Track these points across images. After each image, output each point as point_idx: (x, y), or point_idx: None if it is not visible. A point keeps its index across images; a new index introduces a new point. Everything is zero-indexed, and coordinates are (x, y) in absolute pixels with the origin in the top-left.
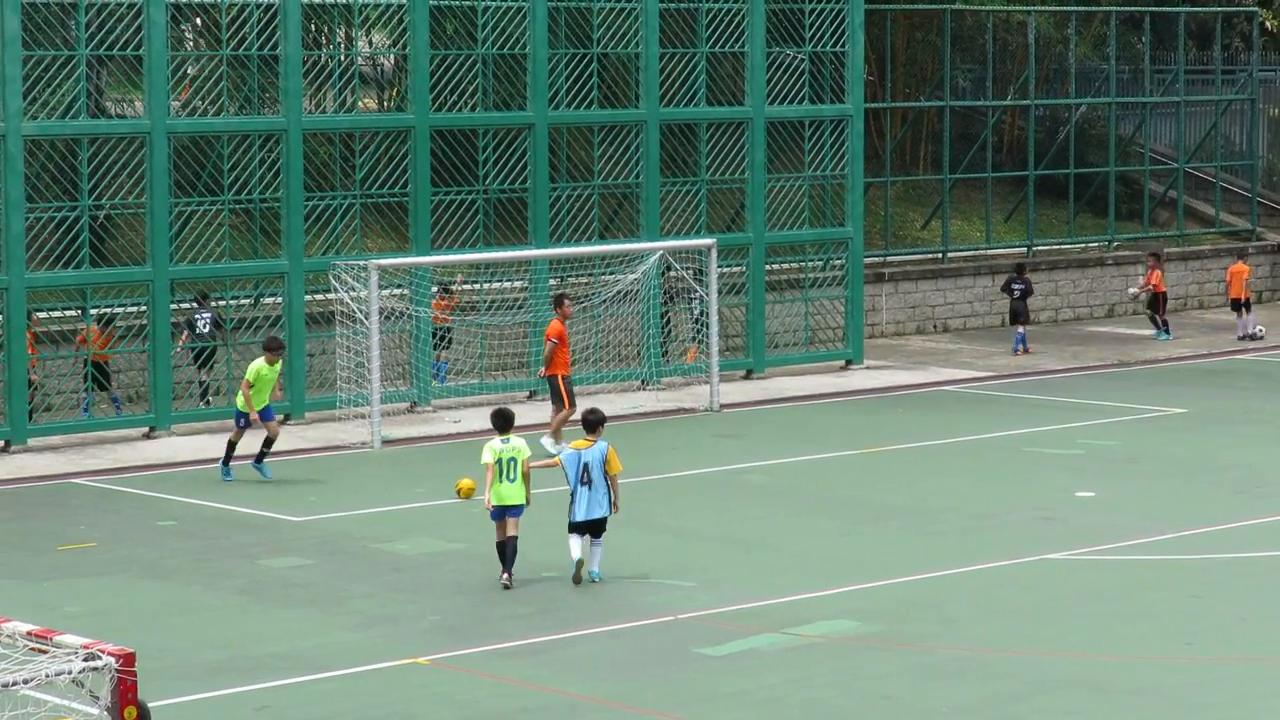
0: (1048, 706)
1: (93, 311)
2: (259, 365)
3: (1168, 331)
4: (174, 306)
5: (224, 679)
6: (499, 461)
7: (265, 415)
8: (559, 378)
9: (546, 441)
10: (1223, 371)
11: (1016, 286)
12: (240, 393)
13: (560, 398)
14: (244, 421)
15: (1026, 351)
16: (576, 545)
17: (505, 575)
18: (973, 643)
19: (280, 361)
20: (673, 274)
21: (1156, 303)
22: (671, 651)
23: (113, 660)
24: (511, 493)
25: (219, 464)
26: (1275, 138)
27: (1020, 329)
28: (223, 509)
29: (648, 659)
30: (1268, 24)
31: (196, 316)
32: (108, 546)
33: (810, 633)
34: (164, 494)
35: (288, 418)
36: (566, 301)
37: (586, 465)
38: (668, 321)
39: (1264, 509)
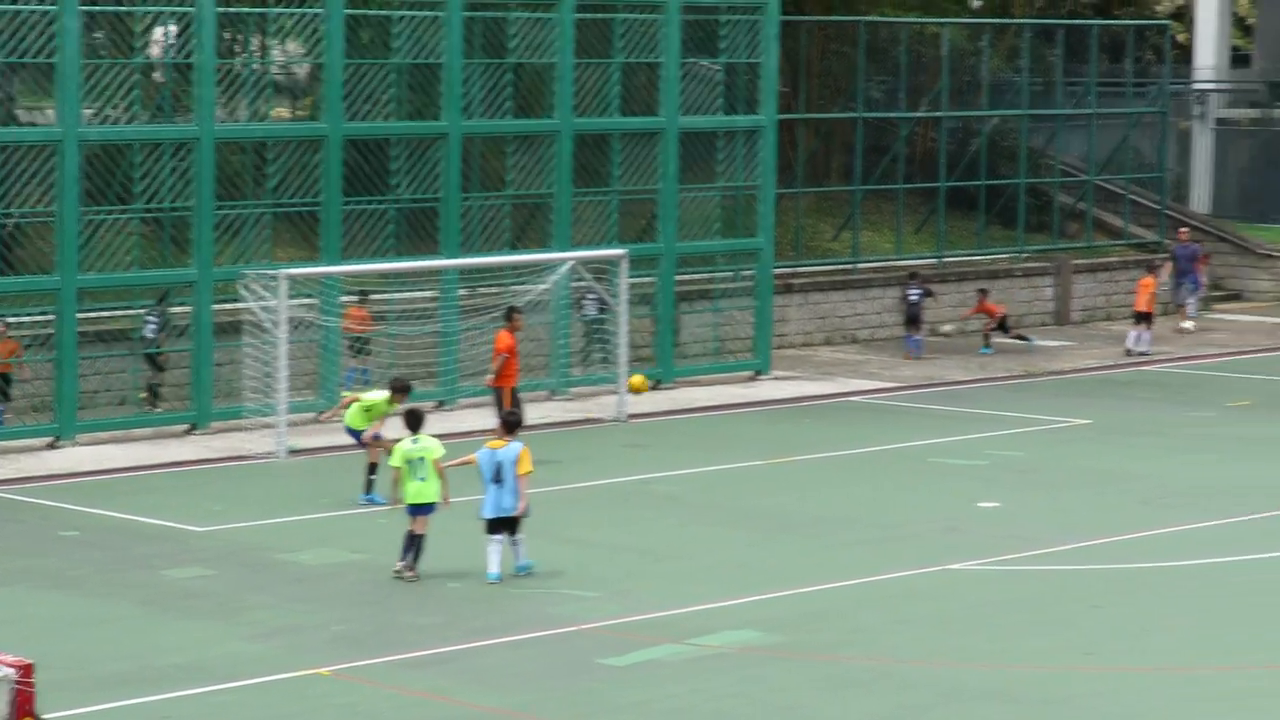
0: (957, 716)
1: None
2: (381, 400)
3: (989, 346)
4: (131, 313)
5: (125, 690)
6: (409, 461)
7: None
8: (507, 390)
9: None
10: (1128, 383)
11: (912, 294)
12: (351, 411)
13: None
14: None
15: (920, 357)
16: (495, 559)
17: (401, 564)
18: (880, 653)
19: (398, 406)
20: (584, 283)
21: (1003, 324)
22: (575, 662)
23: (11, 671)
24: (422, 491)
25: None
26: (1184, 151)
27: (916, 334)
28: (126, 519)
29: (552, 669)
30: (1179, 37)
31: (145, 320)
32: (9, 557)
33: (713, 643)
34: (67, 504)
35: (193, 428)
36: (517, 314)
37: (499, 464)
38: (596, 330)
39: (1168, 519)
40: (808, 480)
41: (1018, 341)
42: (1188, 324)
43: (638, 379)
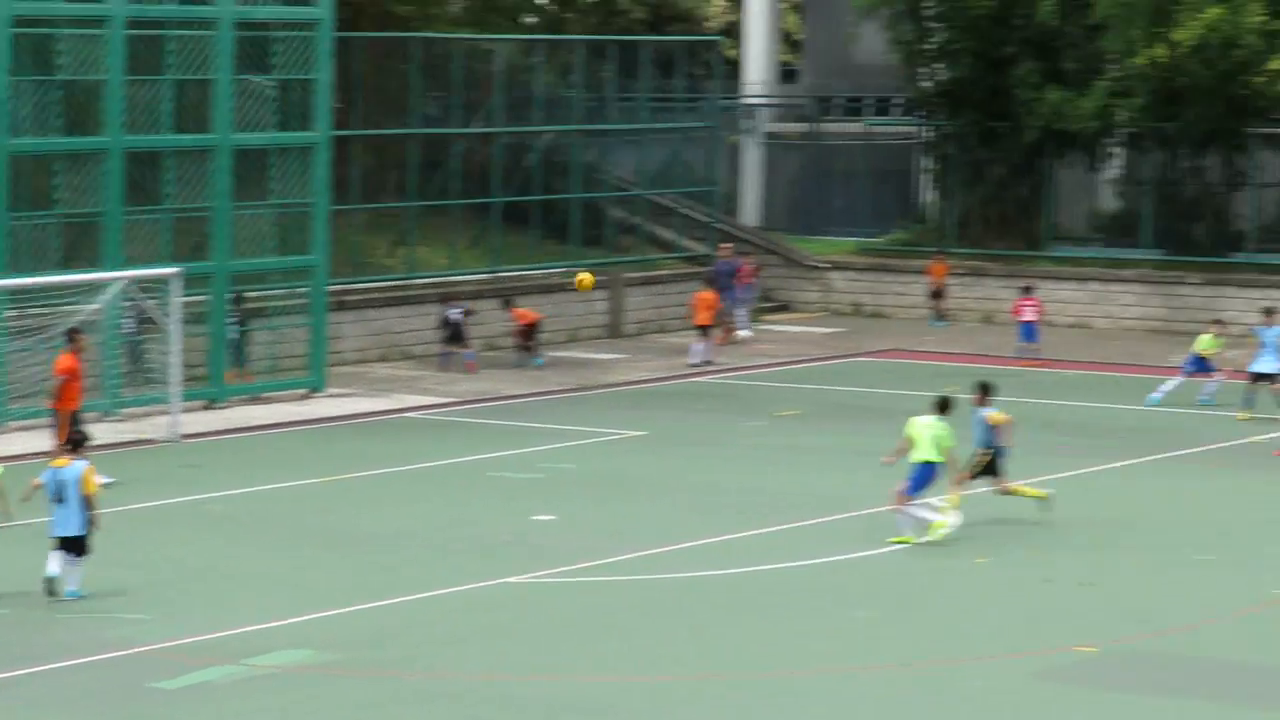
0: None
1: None
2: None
3: (540, 358)
4: None
5: None
6: None
7: None
8: (67, 412)
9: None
10: (683, 394)
11: (453, 313)
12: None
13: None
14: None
15: (474, 369)
16: (54, 561)
17: None
18: (441, 668)
19: None
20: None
21: (529, 334)
22: (127, 685)
23: None
24: None
25: None
26: (735, 165)
27: (468, 350)
28: None
29: (103, 694)
30: (729, 53)
31: None
32: None
33: (267, 662)
34: None
35: None
36: (79, 335)
37: (63, 483)
38: (137, 347)
39: (724, 528)
40: (364, 497)
41: (528, 353)
42: (743, 333)
43: (586, 277)
